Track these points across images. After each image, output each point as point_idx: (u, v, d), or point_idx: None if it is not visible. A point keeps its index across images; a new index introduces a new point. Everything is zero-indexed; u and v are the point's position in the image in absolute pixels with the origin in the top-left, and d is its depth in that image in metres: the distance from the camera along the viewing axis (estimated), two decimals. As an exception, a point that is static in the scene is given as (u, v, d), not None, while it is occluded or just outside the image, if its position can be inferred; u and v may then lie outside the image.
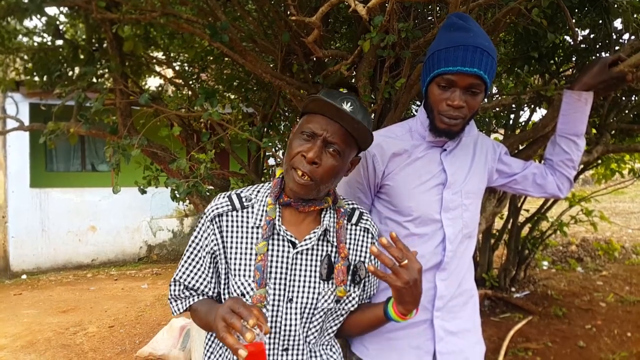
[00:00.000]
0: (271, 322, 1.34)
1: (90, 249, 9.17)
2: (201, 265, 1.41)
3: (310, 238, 1.37)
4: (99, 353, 4.65)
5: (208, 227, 1.38)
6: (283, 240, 1.36)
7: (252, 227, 1.37)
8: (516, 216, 5.72)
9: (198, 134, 3.41)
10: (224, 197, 1.41)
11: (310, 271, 1.37)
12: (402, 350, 1.61)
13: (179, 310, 1.45)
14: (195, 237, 1.42)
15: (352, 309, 1.44)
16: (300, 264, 1.36)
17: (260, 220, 1.36)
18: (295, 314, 1.35)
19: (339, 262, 1.38)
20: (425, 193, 1.60)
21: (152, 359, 4.35)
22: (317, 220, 1.42)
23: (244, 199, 1.40)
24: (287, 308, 1.35)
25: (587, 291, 6.02)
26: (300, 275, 1.36)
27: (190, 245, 1.43)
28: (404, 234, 1.60)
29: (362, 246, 1.47)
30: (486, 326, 4.72)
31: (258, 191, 1.43)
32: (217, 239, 1.37)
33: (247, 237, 1.36)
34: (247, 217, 1.38)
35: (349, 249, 1.44)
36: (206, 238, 1.39)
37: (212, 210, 1.39)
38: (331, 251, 1.40)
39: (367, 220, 1.50)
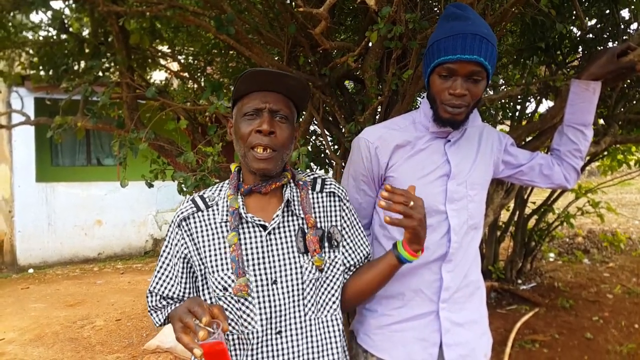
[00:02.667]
0: (260, 308, 1.34)
1: (97, 242, 9.21)
2: (173, 273, 1.42)
3: (277, 215, 1.38)
4: (107, 346, 4.68)
5: (177, 233, 1.40)
6: (253, 226, 1.37)
7: (220, 223, 1.38)
8: (522, 208, 5.71)
9: (204, 127, 3.41)
10: (187, 201, 1.43)
11: (287, 248, 1.38)
12: (408, 342, 1.61)
13: (159, 320, 1.46)
14: (166, 245, 1.43)
15: (340, 274, 1.45)
16: (276, 244, 1.37)
17: (226, 214, 1.38)
18: (283, 294, 1.36)
19: (308, 232, 1.40)
20: (430, 184, 1.59)
21: (159, 352, 4.38)
22: (281, 199, 1.43)
23: (207, 199, 1.42)
24: (273, 290, 1.35)
25: (594, 283, 6.01)
26: (278, 256, 1.37)
27: (161, 255, 1.44)
28: None
29: (331, 211, 1.48)
30: (493, 318, 4.70)
31: (220, 190, 1.45)
32: (186, 243, 1.38)
33: (216, 234, 1.37)
34: (214, 215, 1.39)
35: (319, 216, 1.45)
36: (176, 245, 1.40)
37: (178, 216, 1.40)
38: (302, 224, 1.41)
39: (330, 184, 1.51)
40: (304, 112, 2.62)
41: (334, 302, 1.45)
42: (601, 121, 3.35)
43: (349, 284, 1.49)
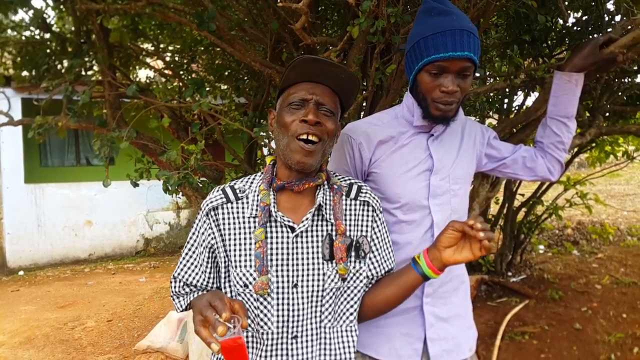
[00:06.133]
0: (278, 309, 1.31)
1: (87, 243, 9.15)
2: (198, 261, 1.40)
3: (307, 219, 1.34)
4: (98, 347, 4.66)
5: (204, 222, 1.37)
6: (281, 226, 1.34)
7: (249, 217, 1.35)
8: (511, 201, 5.72)
9: (190, 125, 3.39)
10: (218, 191, 1.40)
11: (313, 253, 1.34)
12: (393, 338, 1.60)
13: (181, 307, 1.44)
14: (193, 233, 1.42)
15: (362, 286, 1.41)
16: (302, 247, 1.34)
17: (256, 209, 1.35)
18: (302, 298, 1.33)
19: (337, 239, 1.36)
20: (413, 179, 1.58)
21: (150, 352, 4.36)
22: (313, 201, 1.39)
23: (237, 191, 1.39)
24: (293, 294, 1.32)
25: (583, 274, 6.03)
26: (302, 259, 1.33)
27: (188, 242, 1.42)
28: (392, 221, 1.59)
29: (363, 220, 1.44)
30: (483, 311, 4.74)
31: (251, 182, 1.41)
32: (213, 233, 1.36)
33: (244, 228, 1.34)
34: (243, 208, 1.36)
35: (350, 224, 1.41)
36: (203, 233, 1.38)
37: (207, 205, 1.38)
38: (331, 230, 1.37)
39: (366, 192, 1.46)
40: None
41: (351, 314, 1.41)
42: (587, 113, 3.36)
43: (366, 299, 1.44)
